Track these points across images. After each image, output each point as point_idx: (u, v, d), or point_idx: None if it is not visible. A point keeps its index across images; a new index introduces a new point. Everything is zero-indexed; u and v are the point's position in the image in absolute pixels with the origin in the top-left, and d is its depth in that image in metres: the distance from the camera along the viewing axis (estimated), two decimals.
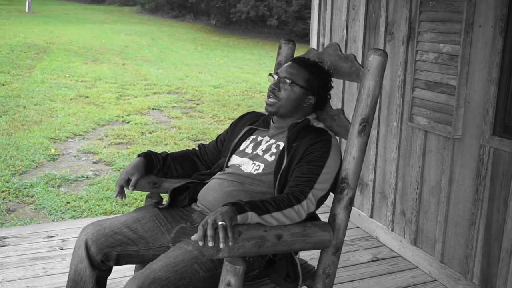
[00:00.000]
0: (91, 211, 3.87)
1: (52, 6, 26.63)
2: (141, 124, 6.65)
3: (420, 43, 2.70)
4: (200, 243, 1.42)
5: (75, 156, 5.23)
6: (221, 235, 1.41)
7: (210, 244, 1.40)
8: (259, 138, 1.90)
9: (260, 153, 1.83)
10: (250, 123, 1.99)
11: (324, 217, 1.80)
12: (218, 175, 1.88)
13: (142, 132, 6.26)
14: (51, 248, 2.95)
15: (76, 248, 1.78)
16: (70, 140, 5.81)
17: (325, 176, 1.67)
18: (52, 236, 3.10)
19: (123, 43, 15.69)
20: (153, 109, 7.64)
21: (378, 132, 3.16)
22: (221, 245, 1.41)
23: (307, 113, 1.88)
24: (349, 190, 1.69)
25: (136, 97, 8.39)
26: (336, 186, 1.72)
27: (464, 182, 2.55)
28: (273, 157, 1.79)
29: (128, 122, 6.72)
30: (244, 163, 1.84)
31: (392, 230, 3.09)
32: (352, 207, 3.44)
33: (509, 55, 2.27)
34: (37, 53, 11.95)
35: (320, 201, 1.67)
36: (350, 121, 1.76)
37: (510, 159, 2.28)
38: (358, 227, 3.39)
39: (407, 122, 2.86)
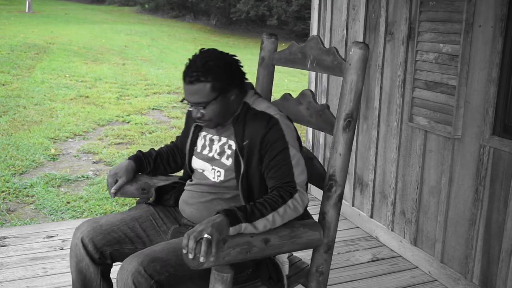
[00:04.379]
0: (91, 211, 3.87)
1: (52, 6, 26.61)
2: (141, 124, 6.65)
3: (420, 43, 2.70)
4: (184, 251, 1.40)
5: (75, 156, 5.23)
6: (203, 248, 1.36)
7: (190, 256, 1.37)
8: (209, 136, 1.81)
9: (217, 156, 1.76)
10: (195, 120, 1.83)
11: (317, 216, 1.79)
12: (187, 186, 1.85)
13: (142, 132, 6.26)
14: (51, 248, 2.95)
15: (73, 247, 1.77)
16: (70, 140, 5.81)
17: (296, 159, 1.63)
18: (52, 236, 3.10)
19: (123, 43, 15.69)
20: (153, 109, 7.64)
21: (378, 132, 3.16)
22: (201, 259, 1.37)
23: (239, 102, 1.75)
24: (338, 187, 1.68)
25: (136, 97, 8.39)
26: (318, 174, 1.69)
27: (464, 182, 2.55)
28: (230, 159, 1.73)
29: (128, 122, 6.72)
30: (206, 168, 1.79)
31: (392, 230, 3.09)
32: (352, 207, 3.46)
33: (509, 55, 2.27)
34: (37, 53, 11.94)
35: (307, 184, 1.67)
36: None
37: (510, 159, 2.28)
38: (358, 227, 3.39)
39: (407, 122, 2.86)
